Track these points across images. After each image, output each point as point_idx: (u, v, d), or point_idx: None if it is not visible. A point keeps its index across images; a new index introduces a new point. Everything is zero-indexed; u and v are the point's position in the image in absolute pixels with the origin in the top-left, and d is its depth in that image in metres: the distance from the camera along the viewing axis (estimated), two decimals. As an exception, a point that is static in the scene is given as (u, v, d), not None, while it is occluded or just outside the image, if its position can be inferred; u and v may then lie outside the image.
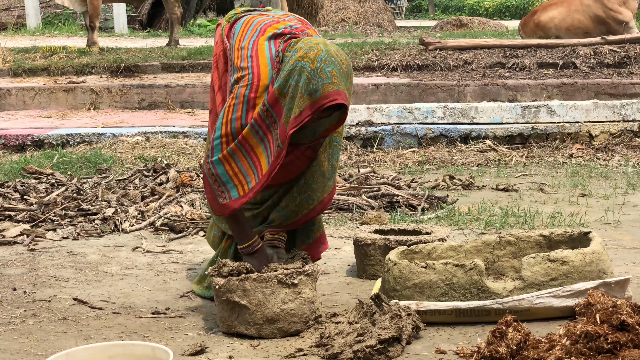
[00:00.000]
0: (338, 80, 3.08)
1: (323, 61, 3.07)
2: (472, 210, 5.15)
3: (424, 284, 3.21)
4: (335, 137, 3.46)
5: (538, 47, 10.13)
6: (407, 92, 8.85)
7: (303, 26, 3.40)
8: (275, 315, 3.08)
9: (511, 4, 38.51)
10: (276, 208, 3.50)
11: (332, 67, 3.08)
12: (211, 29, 19.78)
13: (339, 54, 3.13)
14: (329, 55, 3.09)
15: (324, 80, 3.06)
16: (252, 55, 3.24)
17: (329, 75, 3.07)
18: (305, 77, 3.07)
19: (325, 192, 3.48)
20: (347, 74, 3.13)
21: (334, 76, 3.07)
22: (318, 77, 3.06)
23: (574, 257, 3.22)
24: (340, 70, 3.10)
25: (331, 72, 3.07)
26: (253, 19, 3.42)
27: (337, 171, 3.61)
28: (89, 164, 6.46)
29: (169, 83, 9.47)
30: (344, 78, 3.11)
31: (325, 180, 3.46)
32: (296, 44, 3.18)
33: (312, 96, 3.06)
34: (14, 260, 4.25)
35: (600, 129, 7.46)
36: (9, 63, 10.73)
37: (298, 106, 3.08)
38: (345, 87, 3.12)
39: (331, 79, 3.07)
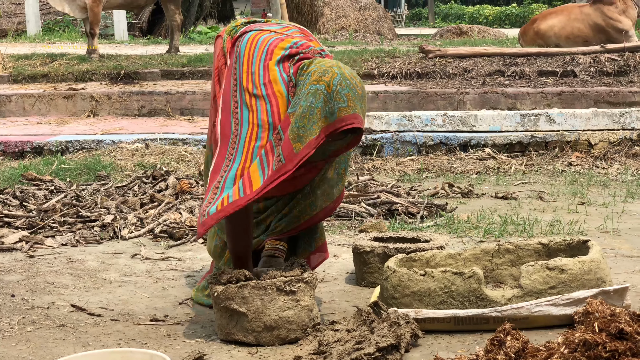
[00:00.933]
0: (354, 104, 3.07)
1: (339, 84, 3.07)
2: (471, 218, 5.15)
3: (422, 291, 3.20)
4: None
5: (538, 55, 10.14)
6: (407, 100, 8.86)
7: (306, 39, 3.39)
8: (273, 323, 3.08)
9: (511, 12, 38.59)
10: (278, 215, 3.50)
11: (347, 90, 3.07)
12: (211, 36, 19.82)
13: (353, 76, 3.13)
14: (344, 78, 3.09)
15: (340, 104, 3.05)
16: (265, 83, 3.22)
17: (345, 99, 3.06)
18: (322, 100, 3.06)
19: (329, 200, 3.48)
20: (361, 97, 3.12)
21: (349, 99, 3.07)
22: (334, 100, 3.05)
23: (572, 265, 3.22)
24: (355, 93, 3.09)
25: (347, 95, 3.07)
26: (257, 36, 3.36)
27: (345, 181, 3.59)
28: (88, 170, 6.46)
29: (168, 90, 9.48)
30: (359, 101, 3.10)
31: (330, 188, 3.46)
32: (309, 67, 3.17)
33: (328, 119, 3.06)
34: (13, 267, 4.24)
35: (600, 137, 7.47)
36: (9, 69, 10.74)
37: (313, 129, 3.06)
38: (361, 110, 3.11)
39: (347, 103, 3.06)
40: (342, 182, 3.52)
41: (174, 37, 12.80)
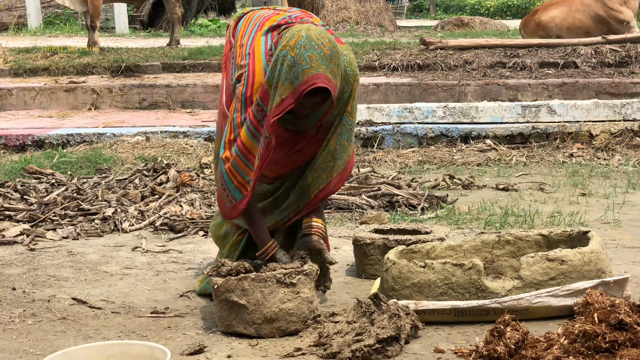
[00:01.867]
0: (317, 64, 3.05)
1: (302, 47, 3.06)
2: (471, 209, 5.15)
3: (422, 283, 3.21)
4: (345, 116, 3.40)
5: (539, 46, 10.12)
6: (408, 92, 8.85)
7: (304, 14, 3.41)
8: (273, 315, 3.08)
9: (512, 3, 38.49)
10: (294, 189, 3.49)
11: (311, 51, 3.06)
12: (212, 29, 19.79)
13: (321, 36, 3.09)
14: (309, 39, 3.07)
15: (303, 66, 3.04)
16: (249, 52, 3.27)
17: (308, 60, 3.05)
18: (286, 65, 3.07)
19: (335, 172, 3.42)
20: (329, 56, 3.08)
21: (313, 60, 3.05)
22: (298, 63, 3.05)
23: (572, 256, 3.22)
24: (320, 53, 3.06)
25: (310, 56, 3.05)
26: (254, 14, 3.45)
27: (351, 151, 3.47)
28: (89, 163, 6.47)
29: (169, 83, 9.47)
30: (325, 61, 3.07)
31: (335, 160, 3.41)
32: (285, 34, 3.18)
33: (293, 83, 3.06)
34: (14, 260, 4.25)
35: (601, 129, 7.46)
36: (10, 63, 10.74)
37: (279, 94, 3.08)
38: (328, 70, 3.07)
39: (310, 64, 3.05)
40: (345, 153, 3.43)
41: (175, 30, 12.78)
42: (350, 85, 3.35)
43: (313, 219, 3.44)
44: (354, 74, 3.36)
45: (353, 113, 3.43)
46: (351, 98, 3.37)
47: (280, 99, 3.08)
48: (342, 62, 3.21)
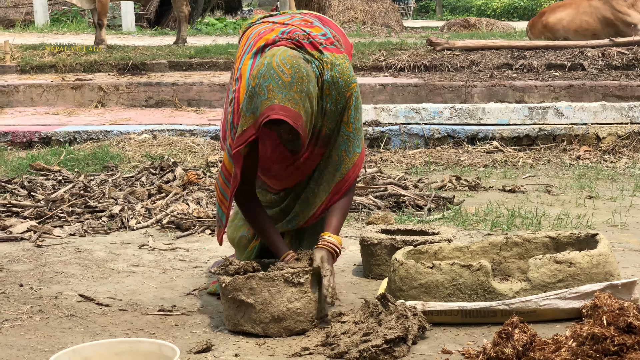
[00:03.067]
0: (273, 94, 3.05)
1: (262, 76, 3.08)
2: (478, 211, 5.15)
3: (430, 284, 3.20)
4: (342, 127, 3.36)
5: (546, 48, 10.11)
6: (414, 93, 8.84)
7: (305, 26, 3.41)
8: (281, 314, 3.08)
9: (519, 5, 38.46)
10: (299, 200, 3.49)
11: (269, 81, 3.07)
12: (219, 28, 19.81)
13: (283, 63, 3.08)
14: (269, 68, 3.08)
15: (262, 97, 3.08)
16: (238, 77, 3.33)
17: (265, 91, 3.07)
18: (248, 96, 3.13)
19: (333, 182, 3.40)
20: (289, 83, 3.07)
21: (269, 91, 3.06)
22: (257, 94, 3.09)
23: (580, 259, 3.21)
24: (279, 82, 3.06)
25: (267, 86, 3.07)
26: (255, 28, 3.45)
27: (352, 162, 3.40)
28: (96, 161, 6.47)
29: (176, 81, 9.48)
30: (283, 89, 3.06)
31: (334, 171, 3.39)
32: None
33: (254, 114, 3.10)
34: (21, 257, 4.26)
35: (608, 131, 7.45)
36: (17, 60, 10.75)
37: (241, 125, 3.15)
38: (286, 98, 3.05)
39: (267, 94, 3.07)
40: (343, 164, 3.38)
41: (182, 29, 12.80)
42: (343, 96, 3.29)
43: (329, 233, 3.32)
44: (346, 84, 3.28)
45: (350, 123, 3.35)
46: (347, 108, 3.31)
47: (242, 130, 3.14)
48: (311, 85, 3.13)
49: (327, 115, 3.30)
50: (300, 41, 3.26)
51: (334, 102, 3.29)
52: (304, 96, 3.10)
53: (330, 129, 3.35)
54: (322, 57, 3.26)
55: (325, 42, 3.34)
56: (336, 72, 3.27)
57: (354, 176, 3.41)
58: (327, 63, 3.26)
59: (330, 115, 3.31)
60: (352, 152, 3.38)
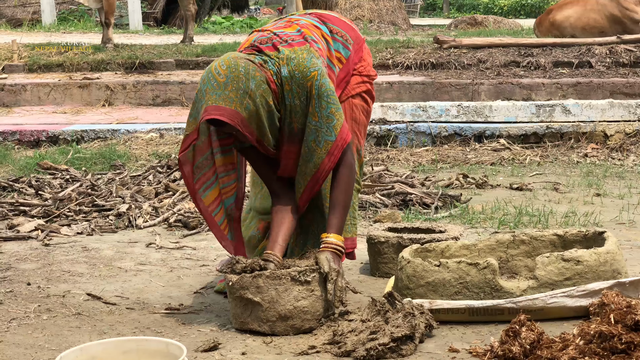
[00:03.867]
0: (209, 97, 3.16)
1: (202, 81, 3.22)
2: (485, 209, 5.14)
3: (437, 282, 3.20)
4: (309, 118, 3.31)
5: (553, 46, 10.09)
6: (421, 91, 8.84)
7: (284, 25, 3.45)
8: (288, 313, 3.08)
9: (526, 2, 38.40)
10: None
11: (207, 85, 3.18)
12: (225, 26, 19.81)
13: (221, 65, 3.18)
14: (208, 72, 3.22)
15: (202, 102, 3.20)
16: None
17: (204, 94, 3.19)
18: (192, 103, 3.29)
19: (309, 175, 3.36)
20: (224, 83, 3.15)
21: (207, 93, 3.18)
22: (198, 99, 3.24)
23: (588, 256, 3.20)
24: (214, 84, 3.17)
25: (206, 90, 3.19)
26: (252, 36, 3.45)
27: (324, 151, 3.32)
28: (104, 160, 6.49)
29: (183, 80, 9.49)
30: (217, 90, 3.15)
31: (306, 163, 3.35)
32: None
33: (196, 119, 3.26)
34: (29, 255, 4.27)
35: (616, 129, 7.43)
36: (25, 59, 10.78)
37: (186, 131, 3.33)
38: (221, 98, 3.14)
39: (205, 98, 3.18)
40: (316, 155, 3.32)
41: (188, 27, 12.80)
42: (304, 88, 3.26)
43: (331, 234, 3.30)
44: (304, 75, 3.24)
45: (315, 113, 3.29)
46: (310, 98, 3.27)
47: (185, 135, 3.33)
48: (251, 82, 3.17)
49: (293, 110, 3.29)
50: (259, 45, 3.31)
51: (297, 96, 3.27)
52: (241, 94, 3.16)
53: (302, 123, 3.32)
54: (278, 54, 3.26)
55: (294, 38, 3.33)
56: (292, 65, 3.25)
57: (329, 165, 3.33)
58: (283, 59, 3.25)
59: (296, 110, 3.29)
60: (323, 141, 3.31)
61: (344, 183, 3.36)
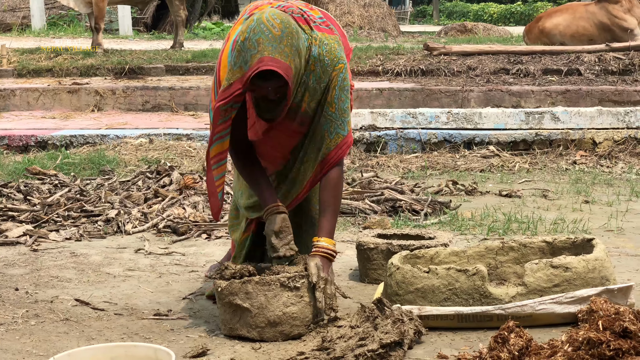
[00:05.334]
0: (264, 47, 3.02)
1: (252, 31, 3.05)
2: (475, 215, 5.15)
3: (426, 288, 3.20)
4: (325, 107, 3.31)
5: (542, 53, 10.12)
6: (411, 97, 8.85)
7: (304, 5, 3.40)
8: (277, 319, 3.08)
9: (516, 10, 38.53)
10: (285, 180, 3.48)
11: (259, 35, 3.04)
12: (216, 32, 19.81)
13: (273, 18, 3.07)
14: (259, 22, 3.06)
15: (251, 51, 3.03)
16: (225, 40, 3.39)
17: (256, 44, 3.03)
18: (236, 51, 3.07)
19: (316, 162, 3.37)
20: (279, 37, 3.04)
21: (260, 44, 3.03)
22: (247, 48, 3.05)
23: (576, 263, 3.21)
24: (269, 35, 3.04)
25: (258, 40, 3.03)
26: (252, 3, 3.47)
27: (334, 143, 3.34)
28: (93, 165, 6.47)
29: (173, 85, 9.48)
30: (273, 42, 3.03)
31: (317, 150, 3.36)
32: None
33: (242, 69, 3.06)
34: (17, 261, 4.25)
35: (604, 136, 7.46)
36: (14, 64, 10.75)
37: (227, 79, 3.09)
38: (277, 51, 3.02)
39: (257, 48, 3.03)
40: (324, 144, 3.33)
41: (179, 33, 12.80)
42: (328, 75, 3.26)
43: (322, 238, 3.30)
44: (333, 63, 3.25)
45: (333, 103, 3.30)
46: (331, 88, 3.28)
47: (228, 84, 3.09)
48: (301, 41, 3.13)
49: (308, 90, 3.26)
50: (294, 15, 3.23)
51: (318, 79, 3.26)
52: (294, 50, 3.08)
53: (311, 108, 3.31)
54: (312, 33, 3.25)
55: (320, 23, 3.31)
56: (324, 50, 3.24)
57: (335, 158, 3.34)
58: (316, 40, 3.24)
59: (312, 92, 3.27)
60: (335, 133, 3.32)
61: (334, 185, 3.36)
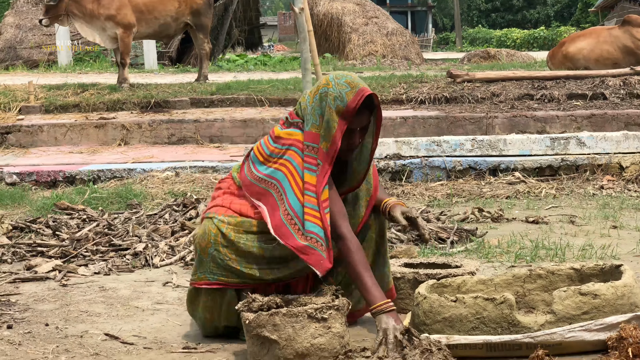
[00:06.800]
0: (356, 83, 3.30)
1: (335, 78, 3.36)
2: (501, 243, 5.13)
3: (454, 317, 3.19)
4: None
5: (567, 78, 10.12)
6: (435, 125, 8.87)
7: None
8: (305, 350, 3.08)
9: (539, 35, 38.50)
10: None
11: (345, 78, 3.34)
12: (240, 64, 19.98)
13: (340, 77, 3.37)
14: (336, 76, 3.37)
15: (344, 90, 3.29)
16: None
17: (346, 84, 3.30)
18: (328, 96, 3.29)
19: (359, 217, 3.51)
20: (360, 79, 3.36)
21: (350, 83, 3.31)
22: (338, 88, 3.29)
23: (605, 290, 3.19)
24: (352, 78, 3.34)
25: (347, 81, 3.32)
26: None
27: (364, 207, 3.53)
28: (120, 199, 6.52)
29: (198, 118, 9.56)
30: (360, 81, 3.34)
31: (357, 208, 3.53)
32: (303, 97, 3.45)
33: (340, 106, 3.27)
34: (46, 296, 4.28)
35: (631, 160, 7.42)
36: (41, 100, 10.89)
37: (331, 122, 3.26)
38: (365, 85, 3.33)
39: (349, 86, 3.30)
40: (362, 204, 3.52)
41: (203, 66, 12.92)
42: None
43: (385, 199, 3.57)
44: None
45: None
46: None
47: (335, 125, 3.26)
48: None
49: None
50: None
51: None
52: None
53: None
54: None
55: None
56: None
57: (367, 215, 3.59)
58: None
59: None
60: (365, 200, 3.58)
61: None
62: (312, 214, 3.21)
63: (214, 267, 3.40)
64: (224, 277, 3.40)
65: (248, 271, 3.38)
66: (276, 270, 3.41)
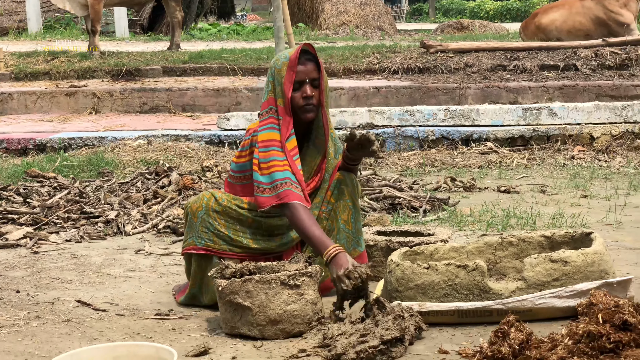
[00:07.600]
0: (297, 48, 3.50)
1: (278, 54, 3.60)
2: (473, 211, 5.16)
3: (426, 284, 3.21)
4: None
5: (539, 49, 10.14)
6: (409, 95, 8.87)
7: None
8: (278, 317, 3.09)
9: (512, 6, 38.52)
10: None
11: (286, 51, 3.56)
12: (212, 33, 19.81)
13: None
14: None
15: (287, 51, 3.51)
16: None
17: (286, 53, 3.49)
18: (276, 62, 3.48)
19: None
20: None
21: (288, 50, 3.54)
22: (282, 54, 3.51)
23: (575, 257, 3.22)
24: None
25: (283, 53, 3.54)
26: None
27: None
28: (91, 167, 6.48)
29: (170, 87, 9.49)
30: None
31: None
32: None
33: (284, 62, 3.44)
34: (18, 263, 4.26)
35: (602, 131, 7.47)
36: (11, 67, 10.75)
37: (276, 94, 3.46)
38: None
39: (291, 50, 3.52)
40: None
41: (175, 34, 12.80)
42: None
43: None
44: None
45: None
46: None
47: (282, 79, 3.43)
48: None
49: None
50: None
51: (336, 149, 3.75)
52: None
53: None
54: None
55: None
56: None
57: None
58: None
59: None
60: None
61: None
62: (279, 164, 3.36)
63: (202, 231, 3.45)
64: (212, 242, 3.44)
65: (236, 237, 3.45)
66: (261, 241, 3.48)
